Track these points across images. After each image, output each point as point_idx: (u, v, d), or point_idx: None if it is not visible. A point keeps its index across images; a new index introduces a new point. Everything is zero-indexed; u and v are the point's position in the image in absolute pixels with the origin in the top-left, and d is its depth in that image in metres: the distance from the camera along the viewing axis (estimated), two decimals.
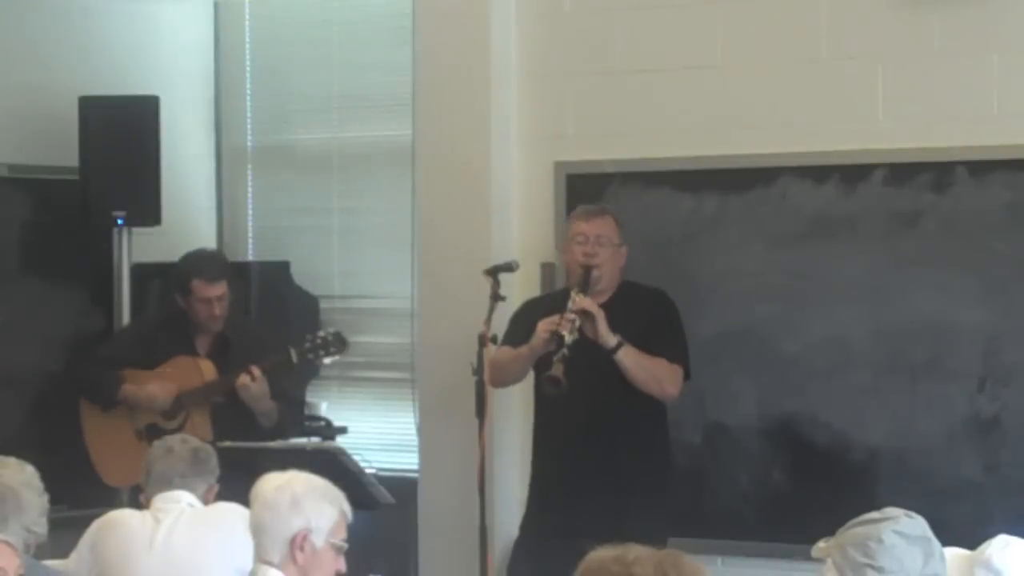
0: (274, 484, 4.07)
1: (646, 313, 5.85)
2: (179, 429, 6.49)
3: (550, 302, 5.90)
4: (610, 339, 5.67)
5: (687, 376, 5.84)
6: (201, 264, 6.67)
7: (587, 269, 5.77)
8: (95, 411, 6.81)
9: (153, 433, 6.49)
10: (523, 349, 5.79)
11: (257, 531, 4.05)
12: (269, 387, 6.49)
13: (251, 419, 6.50)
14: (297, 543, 3.99)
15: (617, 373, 5.70)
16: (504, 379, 5.98)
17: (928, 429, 5.89)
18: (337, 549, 4.05)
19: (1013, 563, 4.06)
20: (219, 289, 6.58)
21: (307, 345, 6.49)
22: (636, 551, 3.04)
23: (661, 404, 5.85)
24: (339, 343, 6.49)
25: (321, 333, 6.54)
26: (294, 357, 6.50)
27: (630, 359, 5.70)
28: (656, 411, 5.85)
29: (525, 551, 5.94)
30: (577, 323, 5.62)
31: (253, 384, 6.42)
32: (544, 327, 5.66)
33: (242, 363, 6.48)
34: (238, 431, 6.31)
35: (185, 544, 4.81)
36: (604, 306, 5.76)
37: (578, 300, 5.66)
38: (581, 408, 5.69)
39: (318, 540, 4.01)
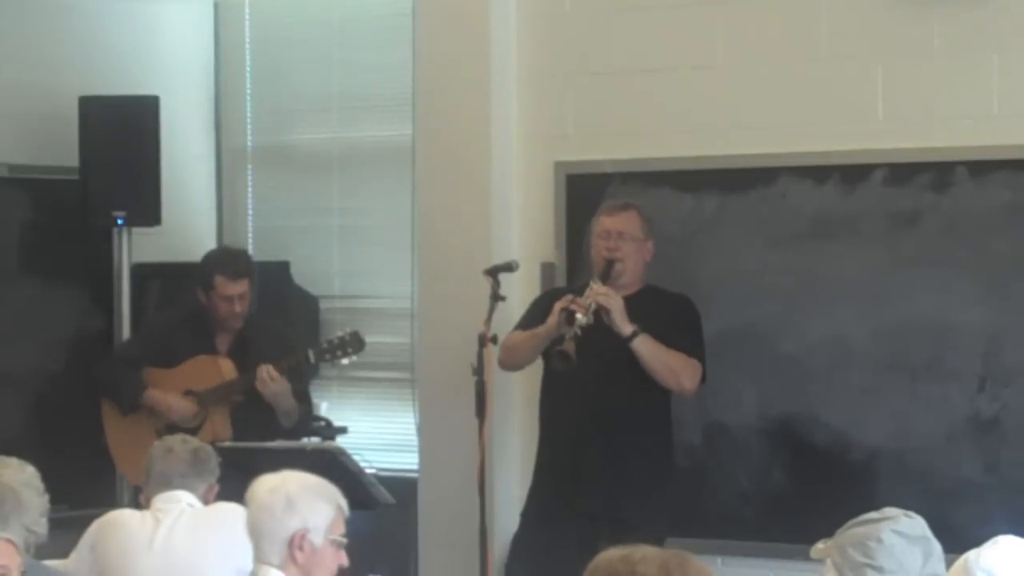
0: (268, 486, 4.07)
1: (667, 314, 5.86)
2: (199, 428, 6.51)
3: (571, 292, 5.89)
4: (626, 327, 5.68)
5: (703, 379, 5.84)
6: (225, 261, 6.68)
7: (609, 262, 5.78)
8: (117, 410, 6.79)
9: (173, 432, 6.49)
10: (538, 329, 5.81)
11: (255, 534, 4.05)
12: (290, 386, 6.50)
13: (271, 419, 6.49)
14: (296, 543, 3.99)
15: (627, 366, 5.70)
16: (515, 360, 5.99)
17: (928, 429, 5.90)
18: (337, 545, 4.05)
19: (998, 562, 4.05)
20: (241, 287, 6.57)
21: (325, 345, 6.50)
22: (643, 551, 3.06)
23: (666, 401, 5.86)
24: (356, 343, 6.47)
25: (339, 333, 6.53)
26: (312, 357, 6.50)
27: (646, 348, 5.71)
28: (661, 407, 5.86)
29: (524, 542, 5.95)
30: (593, 307, 5.62)
31: (271, 383, 6.41)
32: (560, 305, 5.67)
33: (261, 362, 6.48)
34: (258, 430, 6.32)
35: (185, 544, 4.81)
36: (626, 300, 5.76)
37: (596, 287, 5.68)
38: (587, 398, 5.70)
39: (316, 539, 4.01)
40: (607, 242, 5.82)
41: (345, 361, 6.56)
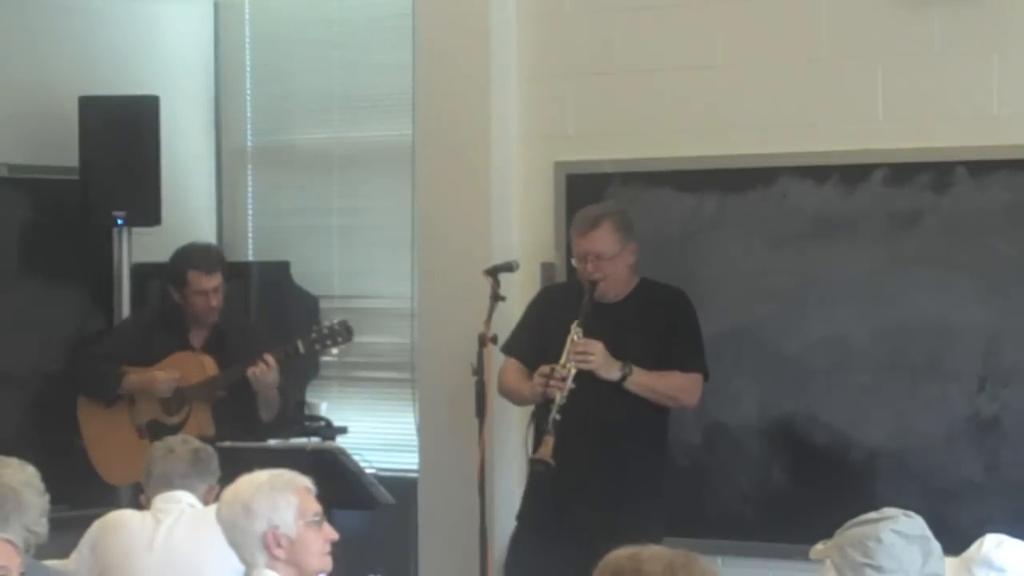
0: (225, 501, 4.10)
1: (663, 315, 5.83)
2: (182, 424, 6.51)
3: (566, 298, 5.86)
4: (614, 374, 5.66)
5: (706, 378, 5.84)
6: (196, 256, 6.69)
7: (592, 284, 5.76)
8: (94, 409, 6.81)
9: (155, 429, 6.51)
10: (524, 388, 5.81)
11: (232, 547, 4.08)
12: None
13: (252, 414, 6.50)
14: (270, 543, 4.00)
15: (616, 383, 5.70)
16: (511, 400, 6.00)
17: (928, 429, 5.89)
18: (315, 525, 4.05)
19: (1012, 559, 4.07)
20: (215, 280, 6.59)
21: (314, 335, 6.49)
22: (651, 550, 3.07)
23: (663, 409, 5.85)
24: (345, 332, 6.46)
25: (327, 323, 6.53)
26: (301, 347, 6.49)
27: (640, 385, 5.69)
28: (657, 414, 5.84)
29: (522, 545, 5.94)
30: (573, 373, 5.60)
31: (269, 371, 6.40)
32: (539, 383, 5.65)
33: (237, 357, 6.49)
34: (239, 426, 6.34)
35: (185, 544, 4.81)
36: (616, 307, 5.77)
37: (576, 342, 5.64)
38: (582, 407, 5.67)
39: (289, 530, 4.01)
40: (584, 264, 5.76)
41: (335, 351, 6.56)
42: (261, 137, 7.95)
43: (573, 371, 5.60)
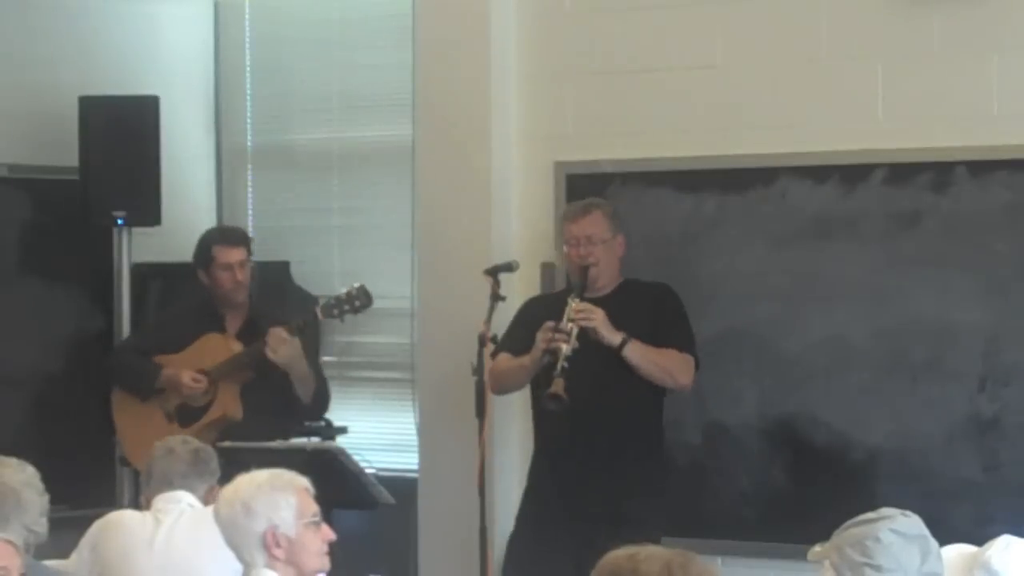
0: (224, 499, 4.10)
1: (650, 307, 5.86)
2: (208, 406, 6.49)
3: (553, 301, 5.89)
4: (614, 337, 5.68)
5: (697, 367, 5.84)
6: (219, 232, 6.74)
7: (584, 268, 5.78)
8: (129, 399, 6.76)
9: (184, 413, 6.50)
10: (524, 359, 5.79)
11: (231, 547, 4.08)
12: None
13: (282, 395, 6.44)
14: (270, 543, 4.00)
15: (617, 367, 5.69)
16: (505, 388, 6.00)
17: (928, 429, 5.90)
18: (313, 526, 4.05)
19: (1012, 565, 4.06)
20: (239, 253, 6.56)
21: (332, 301, 6.42)
22: (649, 550, 3.08)
23: (659, 401, 5.86)
24: (364, 297, 6.41)
25: (344, 290, 6.47)
26: (320, 315, 6.45)
27: (637, 354, 5.70)
28: (654, 407, 5.86)
29: (521, 545, 5.95)
30: (575, 331, 5.61)
31: (284, 346, 6.34)
32: (543, 339, 5.66)
33: None
34: (268, 408, 6.31)
35: (185, 545, 4.81)
36: (604, 300, 5.77)
37: (575, 306, 5.66)
38: (580, 401, 5.66)
39: (288, 530, 4.02)
40: (577, 249, 5.82)
41: (354, 316, 6.50)
42: (261, 137, 7.95)
43: (576, 329, 5.61)
